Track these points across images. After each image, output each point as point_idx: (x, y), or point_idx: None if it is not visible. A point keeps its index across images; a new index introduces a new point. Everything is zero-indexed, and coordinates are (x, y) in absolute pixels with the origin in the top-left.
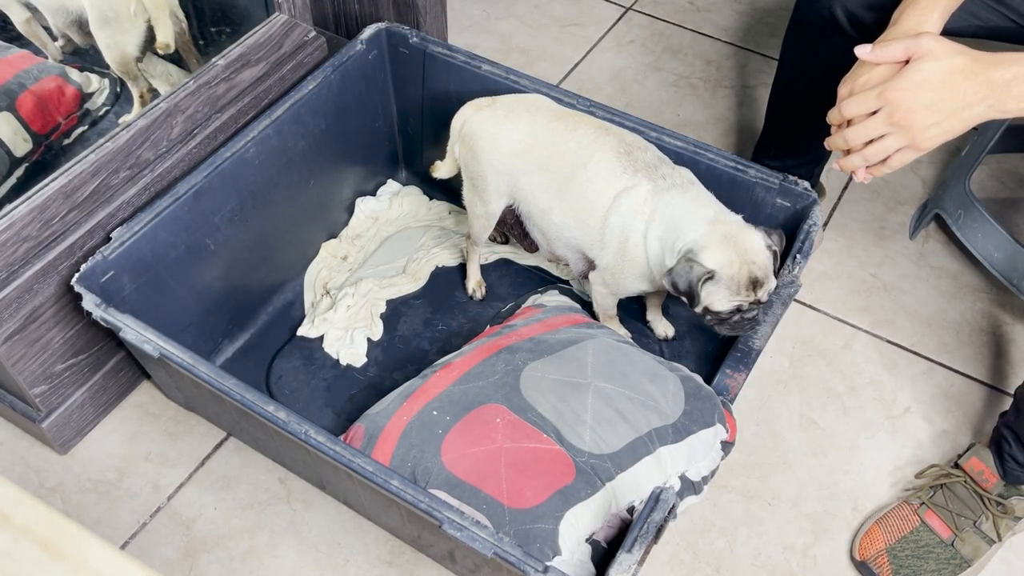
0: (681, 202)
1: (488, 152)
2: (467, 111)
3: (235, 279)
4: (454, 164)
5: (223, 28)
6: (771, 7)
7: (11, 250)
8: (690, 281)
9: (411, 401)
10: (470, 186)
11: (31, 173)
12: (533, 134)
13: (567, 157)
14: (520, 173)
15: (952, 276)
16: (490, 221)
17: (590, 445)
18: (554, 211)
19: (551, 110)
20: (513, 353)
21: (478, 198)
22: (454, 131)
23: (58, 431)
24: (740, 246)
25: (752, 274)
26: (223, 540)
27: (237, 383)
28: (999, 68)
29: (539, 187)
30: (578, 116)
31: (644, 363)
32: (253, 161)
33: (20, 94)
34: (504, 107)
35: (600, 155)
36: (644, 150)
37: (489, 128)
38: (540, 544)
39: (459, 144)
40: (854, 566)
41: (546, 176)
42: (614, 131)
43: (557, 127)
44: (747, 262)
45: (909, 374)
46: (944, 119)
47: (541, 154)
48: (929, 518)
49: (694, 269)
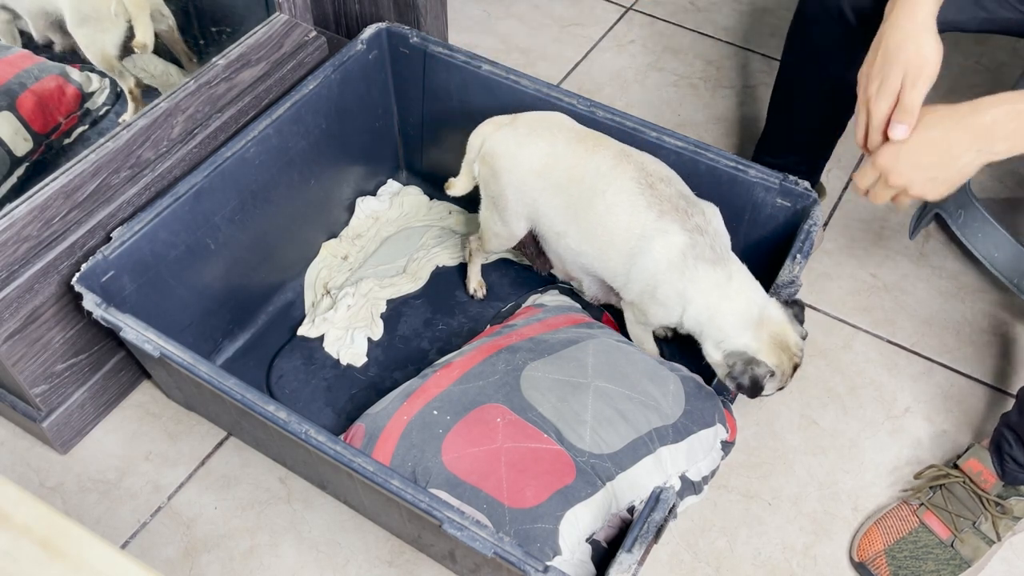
0: (721, 290)
1: (508, 171)
2: (486, 129)
3: (235, 279)
4: (470, 181)
5: (223, 28)
6: (771, 7)
7: (11, 250)
8: (755, 379)
9: (411, 401)
10: (490, 205)
11: (31, 173)
12: (554, 154)
13: (585, 181)
14: (538, 193)
15: (952, 276)
16: (510, 241)
17: (590, 445)
18: (569, 235)
19: (573, 130)
20: (513, 353)
21: (498, 217)
22: (472, 149)
23: (58, 431)
24: (785, 344)
25: (795, 364)
26: (223, 540)
27: (237, 383)
28: (977, 114)
29: (554, 209)
30: (598, 138)
31: (644, 363)
32: (253, 161)
33: (21, 93)
34: (525, 125)
35: (619, 184)
36: (667, 183)
37: (510, 147)
38: (540, 544)
39: (479, 163)
40: (853, 567)
41: (562, 198)
42: (634, 158)
43: (578, 148)
44: (792, 356)
45: (909, 374)
46: (938, 173)
47: (560, 175)
48: (928, 519)
49: (760, 368)
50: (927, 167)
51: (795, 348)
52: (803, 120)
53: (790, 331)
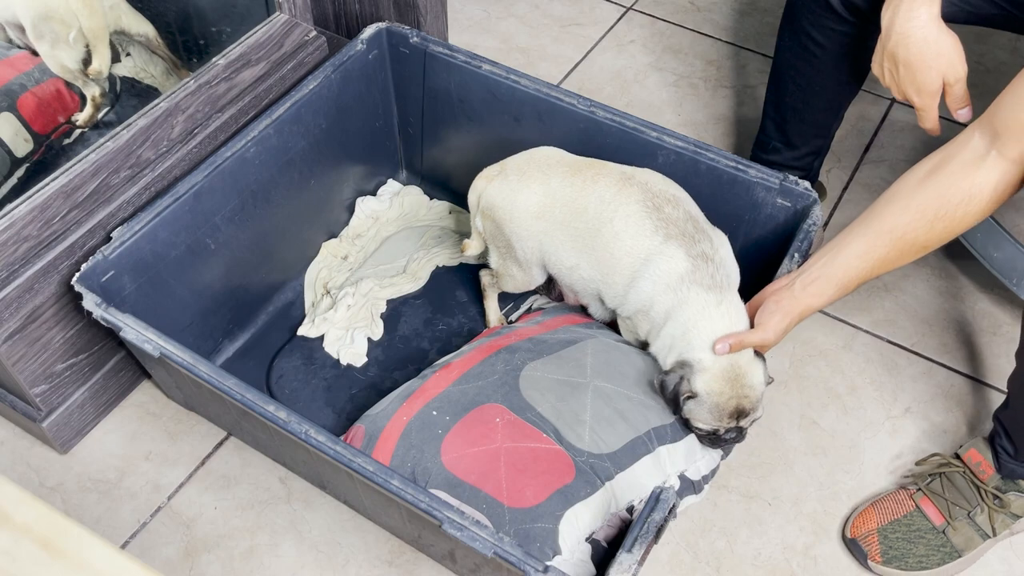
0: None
1: (509, 221)
2: (480, 184)
3: (235, 279)
4: (481, 239)
5: (222, 28)
6: (771, 7)
7: (11, 249)
8: (676, 393)
9: (411, 401)
10: (503, 254)
11: (32, 173)
12: (550, 193)
13: (589, 211)
14: (543, 235)
15: (952, 276)
16: (529, 286)
17: (589, 445)
18: (581, 267)
19: (564, 163)
20: (512, 353)
21: (514, 264)
22: (472, 206)
23: (58, 431)
24: (739, 381)
25: (740, 406)
26: (223, 540)
27: (237, 383)
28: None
29: (562, 246)
30: (595, 167)
31: (643, 363)
32: (253, 161)
33: (21, 95)
34: (515, 170)
35: (626, 209)
36: (674, 205)
37: (505, 196)
38: (540, 543)
39: (480, 218)
40: (844, 544)
41: (567, 233)
42: (638, 179)
43: (575, 182)
44: (739, 395)
45: (909, 374)
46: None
47: (561, 212)
48: (924, 504)
49: (682, 384)
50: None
51: (747, 389)
52: (797, 113)
53: (752, 371)
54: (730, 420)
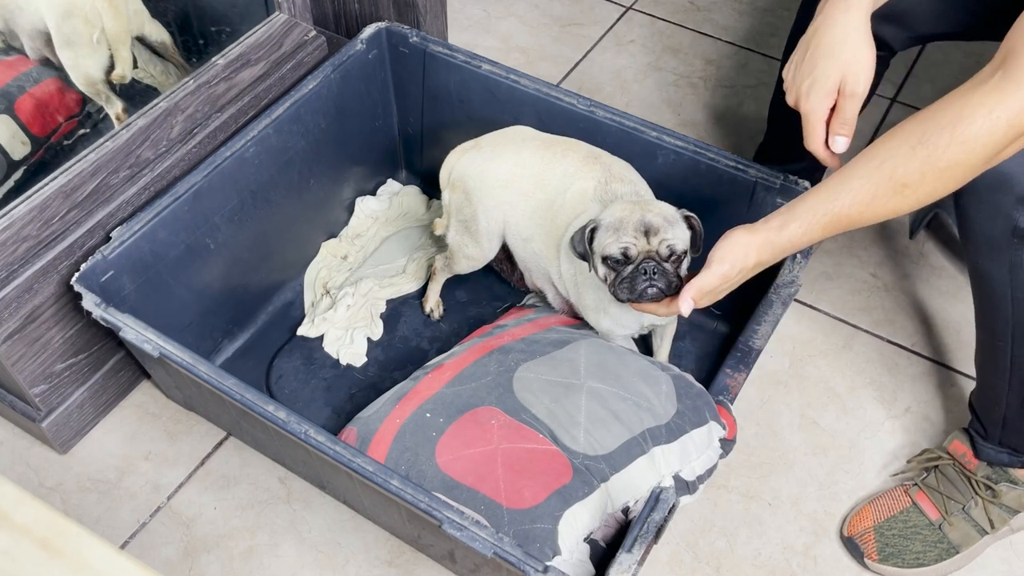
0: None
1: (478, 190)
2: (452, 157)
3: (235, 279)
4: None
5: (222, 28)
6: (771, 7)
7: (11, 249)
8: (583, 236)
9: (403, 403)
10: (461, 229)
11: (30, 175)
12: (520, 163)
13: (551, 183)
14: (508, 206)
15: (952, 276)
16: (481, 262)
17: (584, 446)
18: (534, 239)
19: (538, 139)
20: (505, 354)
21: (470, 240)
22: (443, 180)
23: (58, 431)
24: (644, 205)
25: (644, 218)
26: (223, 540)
27: (237, 383)
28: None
29: (522, 216)
30: (568, 144)
31: (636, 363)
32: (253, 160)
33: (19, 97)
34: (489, 144)
35: (581, 184)
36: (623, 182)
37: (477, 166)
38: (540, 544)
39: (449, 190)
40: (841, 542)
41: (529, 204)
42: (604, 160)
43: (545, 155)
44: (640, 208)
45: (909, 374)
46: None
47: (526, 183)
48: (920, 499)
49: (587, 226)
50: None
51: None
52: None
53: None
54: (636, 235)
